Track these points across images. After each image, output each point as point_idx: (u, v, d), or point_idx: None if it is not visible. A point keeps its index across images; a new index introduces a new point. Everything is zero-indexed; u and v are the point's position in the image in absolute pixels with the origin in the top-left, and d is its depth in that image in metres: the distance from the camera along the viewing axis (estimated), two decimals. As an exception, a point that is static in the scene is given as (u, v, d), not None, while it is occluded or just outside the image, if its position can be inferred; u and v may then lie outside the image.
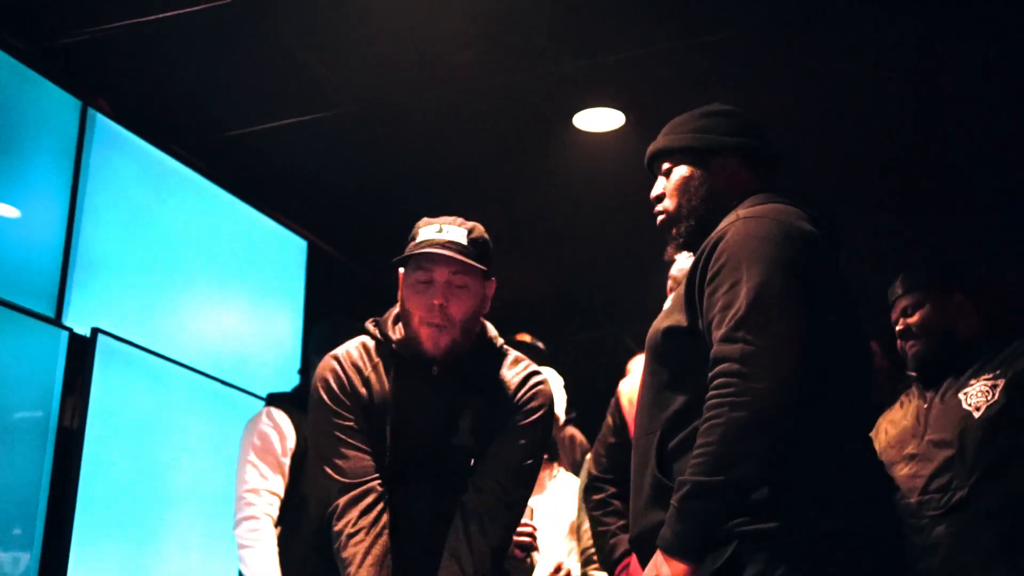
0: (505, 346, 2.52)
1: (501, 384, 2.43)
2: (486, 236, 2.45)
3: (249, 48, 4.00)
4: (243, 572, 3.53)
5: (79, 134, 3.97)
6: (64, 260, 3.84)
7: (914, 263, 3.03)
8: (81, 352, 3.78)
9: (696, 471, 1.79)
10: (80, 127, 3.98)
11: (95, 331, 3.84)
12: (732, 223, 1.99)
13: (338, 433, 2.38)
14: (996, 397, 2.68)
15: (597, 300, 6.09)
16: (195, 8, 3.74)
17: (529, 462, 2.41)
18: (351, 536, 2.30)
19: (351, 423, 2.39)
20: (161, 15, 3.78)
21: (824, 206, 2.11)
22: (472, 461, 2.42)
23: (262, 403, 3.90)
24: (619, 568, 3.29)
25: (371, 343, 2.48)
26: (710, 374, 1.83)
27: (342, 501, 2.34)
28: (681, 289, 2.05)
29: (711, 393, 1.81)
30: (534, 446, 2.42)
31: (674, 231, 2.19)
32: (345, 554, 2.30)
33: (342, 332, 3.73)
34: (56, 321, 3.75)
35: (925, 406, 2.84)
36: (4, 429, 3.53)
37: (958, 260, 3.14)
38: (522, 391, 2.43)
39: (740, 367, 1.79)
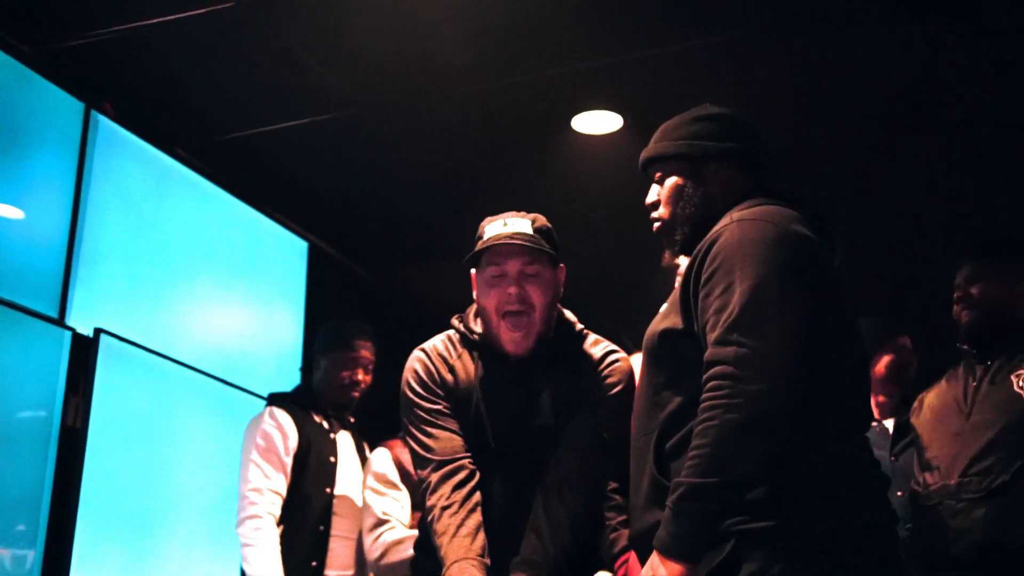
0: (585, 329, 2.56)
1: (581, 364, 2.48)
2: (549, 225, 2.53)
3: (251, 51, 4.01)
4: (246, 571, 3.53)
5: (82, 136, 3.98)
6: (67, 261, 3.86)
7: (989, 235, 3.01)
8: (84, 352, 3.79)
9: (691, 473, 1.80)
10: (83, 129, 3.99)
11: (98, 331, 3.85)
12: (726, 226, 1.98)
13: (427, 415, 2.44)
14: None
15: (594, 300, 6.09)
16: (197, 11, 3.75)
17: (606, 433, 2.42)
18: (444, 509, 2.33)
19: (440, 406, 2.44)
20: (163, 18, 3.79)
21: (821, 207, 2.10)
22: (555, 441, 2.45)
23: (264, 403, 3.92)
24: (618, 563, 3.31)
25: (455, 336, 2.53)
26: (704, 376, 1.83)
27: (435, 477, 2.37)
28: (677, 291, 2.05)
29: (705, 395, 1.82)
30: (612, 417, 2.43)
31: (668, 238, 2.18)
32: (438, 526, 2.32)
33: (345, 333, 3.78)
34: (59, 321, 3.76)
35: (974, 383, 2.81)
36: (7, 429, 3.54)
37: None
38: (601, 366, 2.48)
39: (734, 369, 1.79)
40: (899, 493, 3.29)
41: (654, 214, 2.20)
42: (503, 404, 2.43)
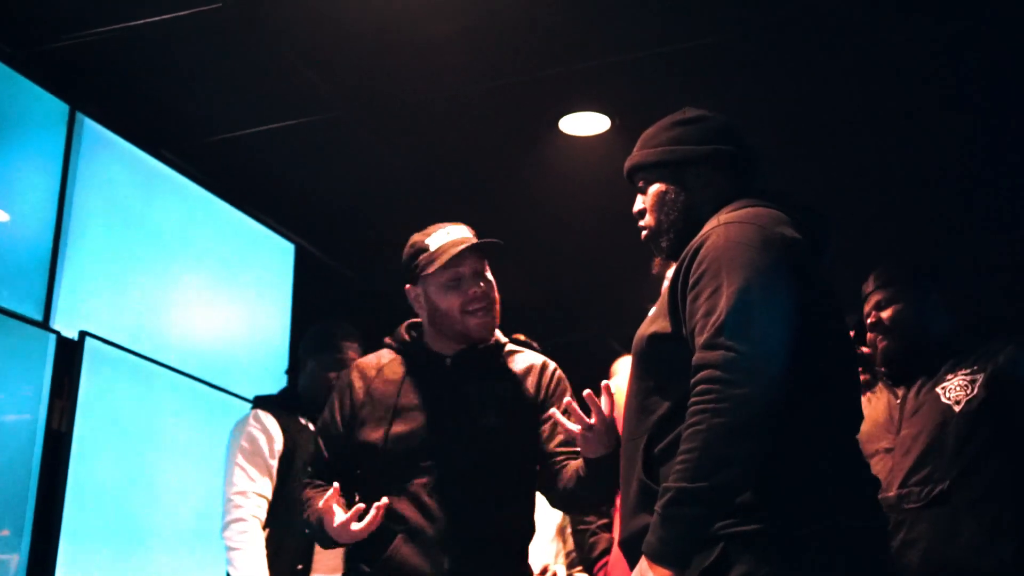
0: (503, 337, 2.66)
1: (516, 371, 2.59)
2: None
3: (237, 53, 4.00)
4: (231, 574, 3.53)
5: (67, 138, 3.97)
6: (52, 263, 3.84)
7: (891, 258, 3.03)
8: (69, 355, 3.79)
9: (679, 477, 1.79)
10: (68, 131, 3.98)
11: (83, 334, 3.84)
12: (713, 228, 1.97)
13: (331, 437, 2.60)
14: (975, 391, 2.69)
15: (582, 302, 6.11)
16: (183, 13, 3.74)
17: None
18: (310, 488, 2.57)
19: (337, 433, 2.59)
20: (149, 19, 3.78)
21: (809, 208, 2.09)
22: (504, 443, 2.51)
23: (249, 406, 3.91)
24: (597, 567, 3.31)
25: (384, 350, 2.68)
26: (692, 380, 1.82)
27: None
28: (665, 295, 2.04)
29: (693, 400, 1.81)
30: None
31: (656, 246, 2.18)
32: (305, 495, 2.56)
33: (334, 336, 3.78)
34: (44, 324, 3.75)
35: (897, 401, 2.83)
36: (-8, 432, 3.53)
37: (934, 258, 3.14)
38: (545, 375, 2.60)
39: (722, 373, 1.78)
40: None
41: (641, 222, 2.20)
42: (438, 408, 2.52)
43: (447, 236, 2.58)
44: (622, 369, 3.60)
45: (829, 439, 1.92)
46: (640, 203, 2.20)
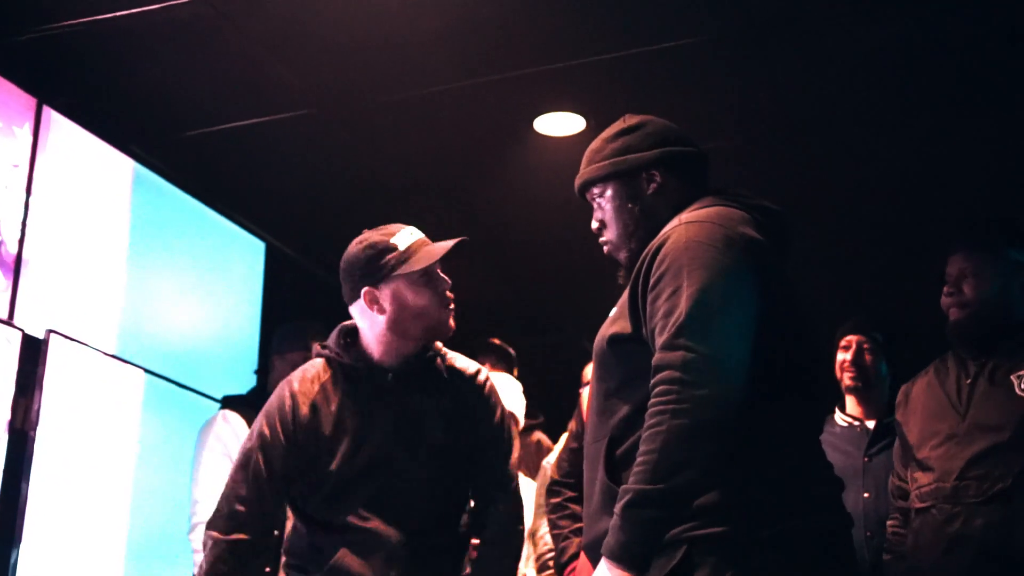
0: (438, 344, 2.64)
1: (454, 382, 2.58)
2: None
3: (209, 48, 3.97)
4: (197, 577, 3.51)
5: (34, 132, 3.93)
6: (16, 260, 3.80)
7: (985, 224, 2.83)
8: (34, 353, 3.74)
9: (638, 479, 1.79)
10: (35, 125, 3.94)
11: (49, 332, 3.80)
12: (674, 228, 1.98)
13: (261, 456, 2.48)
14: None
15: (556, 303, 6.11)
16: (154, 7, 3.71)
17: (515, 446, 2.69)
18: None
19: (281, 451, 2.47)
20: (119, 13, 3.74)
21: (770, 208, 2.09)
22: (449, 457, 2.52)
23: (217, 405, 3.89)
24: (567, 571, 3.32)
25: (319, 364, 2.58)
26: (652, 381, 1.83)
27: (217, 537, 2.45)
28: (625, 295, 2.04)
29: (653, 401, 1.81)
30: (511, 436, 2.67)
31: (620, 257, 2.17)
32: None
33: (305, 334, 3.77)
34: (9, 322, 3.71)
35: (968, 381, 2.73)
36: (-46, 431, 3.49)
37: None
38: (481, 388, 2.60)
39: (681, 374, 1.79)
40: (866, 495, 3.28)
41: (601, 238, 2.19)
42: (384, 425, 2.48)
43: (412, 236, 2.54)
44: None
45: (790, 439, 1.92)
46: (597, 218, 2.20)
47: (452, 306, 2.54)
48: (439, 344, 2.60)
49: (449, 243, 2.50)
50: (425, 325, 2.50)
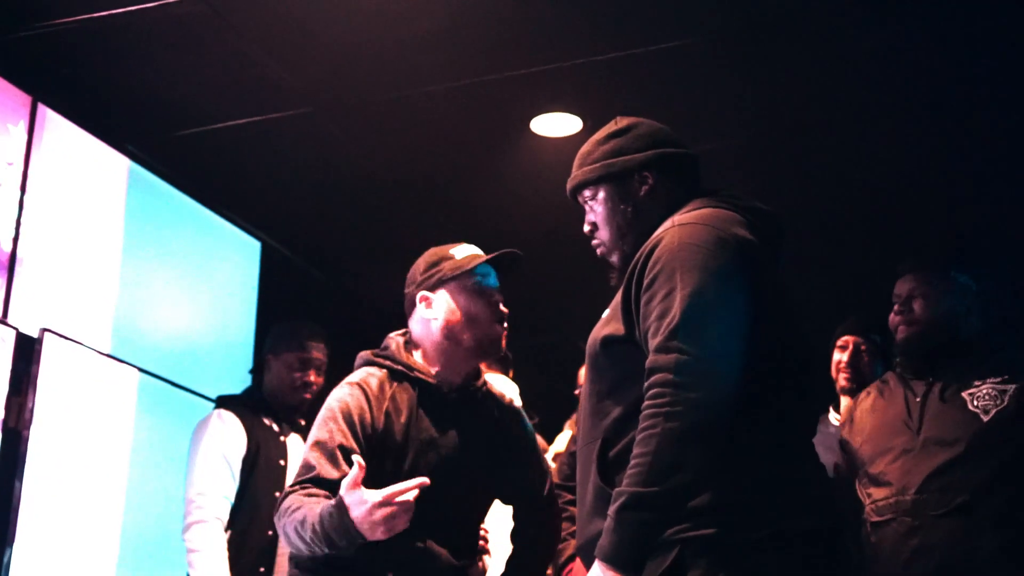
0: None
1: (497, 406, 2.63)
2: None
3: (205, 46, 3.98)
4: (192, 576, 3.52)
5: (29, 130, 3.93)
6: (11, 258, 3.80)
7: (933, 247, 2.98)
8: (28, 352, 3.74)
9: (632, 481, 1.80)
10: (30, 123, 3.94)
11: (43, 331, 3.80)
12: (667, 230, 1.99)
13: (339, 452, 2.38)
14: (1006, 403, 2.67)
15: (552, 303, 6.12)
16: (149, 5, 3.72)
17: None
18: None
19: (355, 448, 2.39)
20: (115, 11, 3.75)
21: (763, 209, 2.11)
22: (493, 483, 2.60)
23: (212, 405, 3.89)
24: (565, 571, 3.35)
25: (380, 373, 2.52)
26: (646, 384, 1.84)
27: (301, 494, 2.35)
28: (618, 297, 2.05)
29: (647, 403, 1.82)
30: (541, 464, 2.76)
31: (613, 259, 2.19)
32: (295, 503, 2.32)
33: (299, 334, 3.78)
34: (3, 320, 3.71)
35: (917, 399, 2.79)
36: (-53, 430, 3.50)
37: (973, 255, 3.09)
38: (519, 415, 2.67)
39: (675, 377, 1.80)
40: None
41: (594, 241, 2.21)
42: (445, 443, 2.48)
43: (469, 250, 2.61)
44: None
45: (783, 441, 1.93)
46: (589, 221, 2.21)
47: (505, 324, 2.57)
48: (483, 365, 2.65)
49: (499, 252, 2.59)
50: (476, 334, 2.52)
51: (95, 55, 4.02)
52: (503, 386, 3.69)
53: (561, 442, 3.97)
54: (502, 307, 2.57)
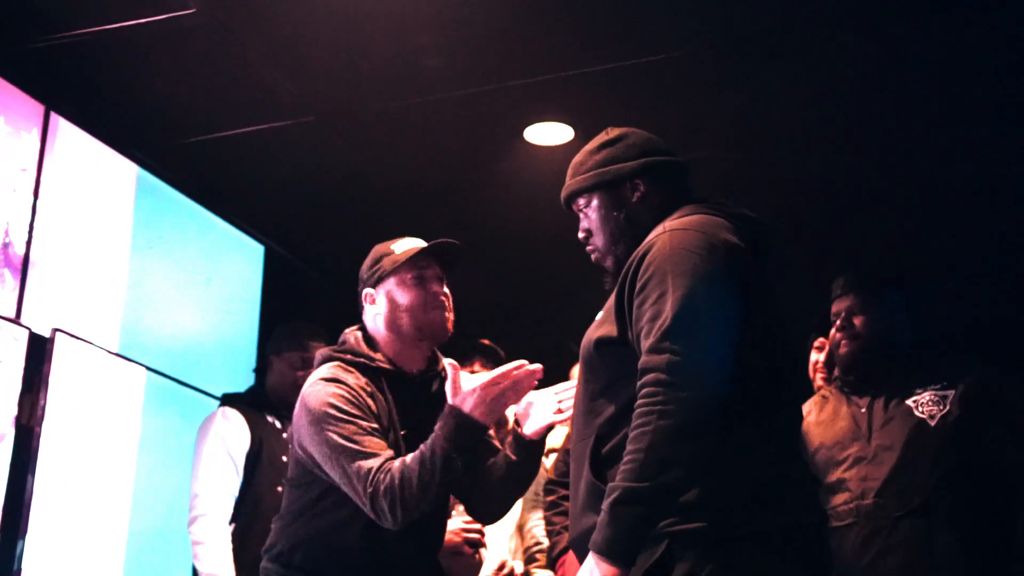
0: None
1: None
2: None
3: (211, 57, 4.02)
4: (197, 569, 3.55)
5: (41, 137, 3.96)
6: (24, 261, 3.83)
7: (865, 266, 3.02)
8: (40, 351, 3.77)
9: (625, 477, 1.82)
10: (42, 131, 3.97)
11: (54, 331, 3.84)
12: (659, 235, 2.02)
13: (367, 430, 2.40)
14: (948, 408, 2.76)
15: (544, 306, 6.15)
16: (158, 17, 3.77)
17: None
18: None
19: (376, 425, 2.42)
20: (125, 23, 3.80)
21: (751, 216, 2.14)
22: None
23: (217, 403, 3.94)
24: (558, 564, 3.42)
25: (343, 367, 2.53)
26: (639, 383, 1.87)
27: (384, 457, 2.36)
28: (612, 300, 2.08)
29: (640, 402, 1.85)
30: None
31: (606, 264, 2.22)
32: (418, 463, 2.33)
33: (301, 335, 3.82)
34: (16, 321, 3.74)
35: (863, 410, 2.88)
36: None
37: (900, 269, 3.19)
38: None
39: (667, 376, 1.83)
40: None
41: (588, 247, 2.25)
42: (418, 425, 2.48)
43: (409, 244, 2.63)
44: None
45: (770, 440, 1.97)
46: (583, 227, 2.24)
47: (448, 308, 2.57)
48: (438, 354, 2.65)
49: (434, 242, 2.58)
50: (416, 323, 2.54)
51: (105, 66, 4.06)
52: None
53: (556, 438, 4.02)
54: (444, 294, 2.57)
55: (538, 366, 2.44)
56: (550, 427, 2.52)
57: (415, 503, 2.31)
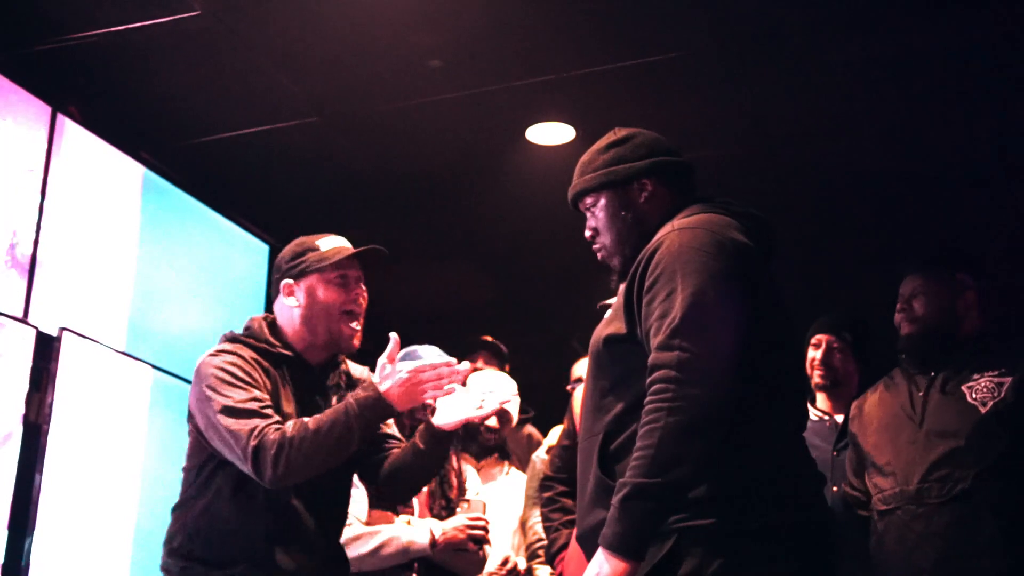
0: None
1: (355, 382, 2.67)
2: None
3: (216, 59, 4.06)
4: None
5: (48, 138, 3.98)
6: (31, 261, 3.85)
7: (933, 249, 3.05)
8: (48, 350, 3.79)
9: (635, 473, 1.83)
10: (49, 132, 3.99)
11: (62, 330, 3.86)
12: (668, 234, 2.03)
13: (259, 392, 2.44)
14: (1003, 395, 2.76)
15: (545, 304, 6.17)
16: (164, 19, 3.80)
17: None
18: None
19: (265, 396, 2.45)
20: (131, 25, 3.83)
21: (756, 214, 2.16)
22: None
23: (223, 401, 3.96)
24: (557, 560, 3.45)
25: (244, 348, 2.55)
26: (648, 380, 1.88)
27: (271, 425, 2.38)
28: (621, 298, 2.09)
29: (649, 398, 1.86)
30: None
31: (614, 263, 2.23)
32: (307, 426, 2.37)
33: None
34: (23, 320, 3.77)
35: (920, 393, 2.89)
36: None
37: (971, 256, 3.13)
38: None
39: (676, 373, 1.84)
40: (835, 488, 3.40)
41: (595, 246, 2.26)
42: (312, 412, 2.49)
43: (336, 243, 2.63)
44: (582, 370, 3.71)
45: (776, 437, 1.99)
46: (590, 226, 2.25)
47: (356, 315, 2.58)
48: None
49: (354, 249, 2.59)
50: (331, 329, 2.56)
51: (112, 68, 4.10)
52: (499, 381, 3.79)
53: (554, 436, 4.04)
54: (361, 302, 2.59)
55: (466, 365, 2.50)
56: (467, 423, 2.59)
57: (302, 461, 2.33)
